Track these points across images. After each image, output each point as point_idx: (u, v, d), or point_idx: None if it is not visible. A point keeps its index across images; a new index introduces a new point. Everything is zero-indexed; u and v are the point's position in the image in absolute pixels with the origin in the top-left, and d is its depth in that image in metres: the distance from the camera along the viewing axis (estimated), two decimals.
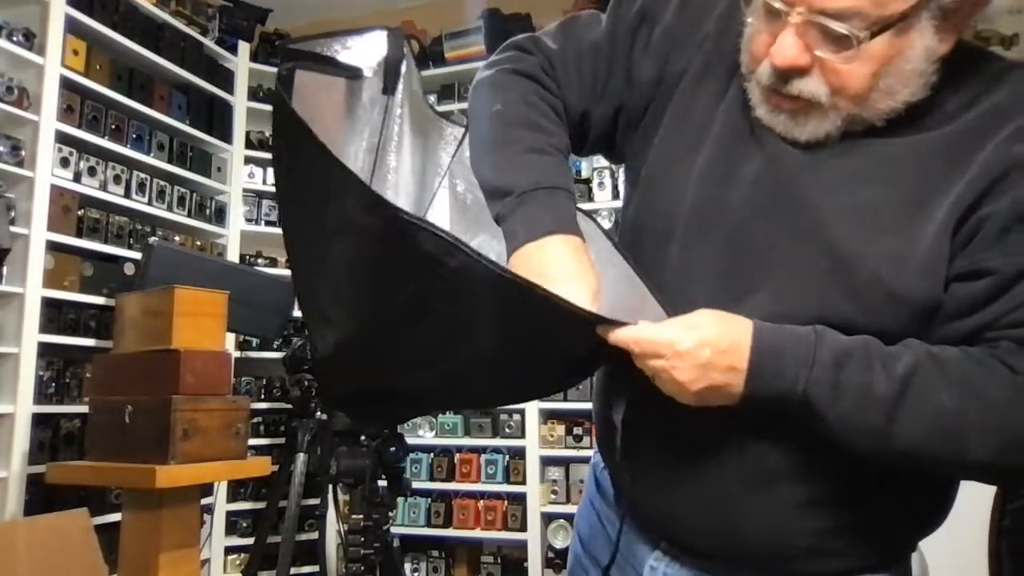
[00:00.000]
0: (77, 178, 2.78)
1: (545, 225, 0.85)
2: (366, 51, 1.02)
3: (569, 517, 3.28)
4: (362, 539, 1.62)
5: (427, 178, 1.12)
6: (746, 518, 0.85)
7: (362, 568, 1.62)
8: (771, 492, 0.84)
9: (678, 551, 0.93)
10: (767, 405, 0.78)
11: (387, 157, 1.05)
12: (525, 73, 0.96)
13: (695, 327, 0.76)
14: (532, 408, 3.39)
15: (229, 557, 3.34)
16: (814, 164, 0.82)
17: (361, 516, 1.65)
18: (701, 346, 0.75)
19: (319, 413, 2.65)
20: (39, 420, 2.55)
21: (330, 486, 2.61)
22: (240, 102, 3.64)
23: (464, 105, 1.12)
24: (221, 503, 3.23)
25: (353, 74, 0.99)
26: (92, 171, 2.84)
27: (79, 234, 2.78)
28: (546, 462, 3.41)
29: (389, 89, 1.03)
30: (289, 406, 3.36)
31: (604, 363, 0.89)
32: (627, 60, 0.95)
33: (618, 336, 0.77)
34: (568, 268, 0.82)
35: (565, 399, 3.31)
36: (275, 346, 3.50)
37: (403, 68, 1.03)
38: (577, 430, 3.31)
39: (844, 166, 0.81)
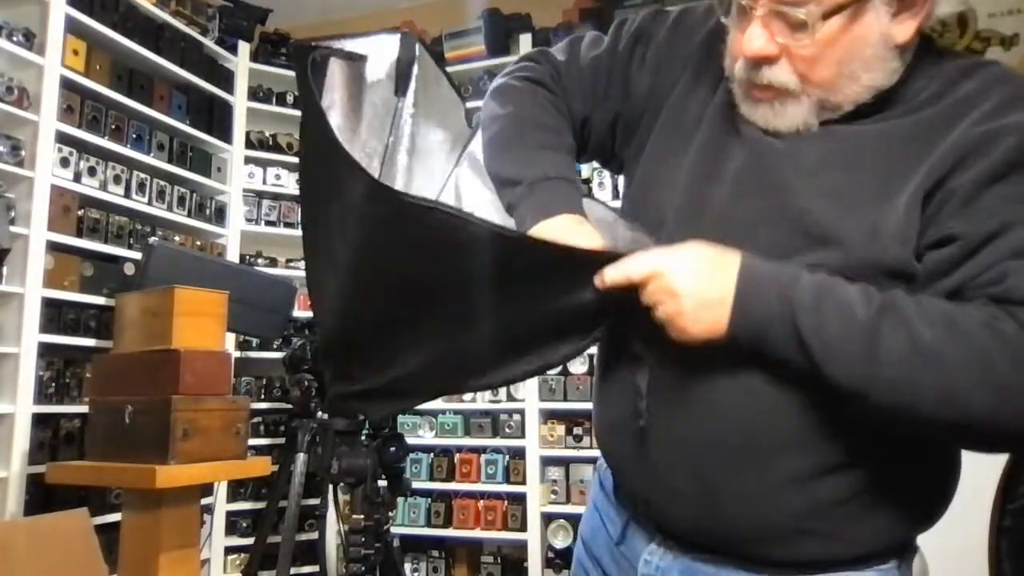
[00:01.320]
0: (77, 178, 2.78)
1: (553, 207, 0.92)
2: (378, 54, 1.06)
3: (569, 517, 3.28)
4: (363, 539, 1.61)
5: (436, 177, 1.15)
6: (731, 493, 0.86)
7: (363, 568, 1.62)
8: (757, 465, 0.85)
9: (672, 542, 0.94)
10: (753, 338, 0.80)
11: (397, 157, 1.08)
12: (535, 80, 1.05)
13: (688, 245, 0.83)
14: (532, 408, 3.39)
15: (229, 557, 3.34)
16: (792, 151, 0.87)
17: (362, 516, 1.64)
18: (695, 256, 0.81)
19: (319, 413, 2.65)
20: (39, 420, 2.55)
21: (330, 486, 2.61)
22: (240, 102, 3.64)
23: (465, 105, 1.17)
24: (221, 503, 3.23)
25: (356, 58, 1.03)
26: (92, 171, 2.84)
27: (79, 234, 2.78)
28: (546, 462, 3.41)
29: (400, 91, 1.07)
30: (289, 406, 3.35)
31: (601, 322, 0.92)
32: (625, 74, 1.03)
33: (614, 272, 0.82)
34: (574, 238, 0.89)
35: (565, 399, 3.31)
36: (275, 346, 3.50)
37: (415, 70, 1.06)
38: (577, 430, 3.30)
39: (819, 151, 0.86)
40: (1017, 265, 0.76)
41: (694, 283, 0.80)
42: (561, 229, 0.90)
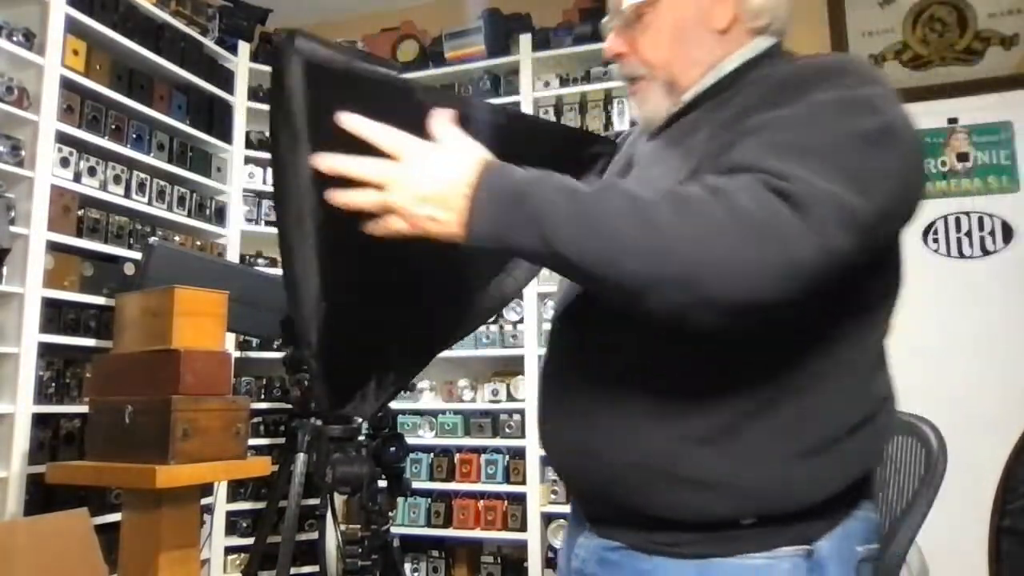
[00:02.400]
0: (77, 178, 2.78)
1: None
2: None
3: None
4: (359, 550, 1.59)
5: None
6: (600, 436, 0.91)
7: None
8: (618, 404, 0.90)
9: (593, 527, 0.99)
10: (491, 222, 0.80)
11: None
12: None
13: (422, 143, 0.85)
14: (532, 408, 3.39)
15: (229, 557, 3.34)
16: (654, 146, 1.03)
17: (359, 527, 1.61)
18: (437, 157, 0.83)
19: (314, 419, 2.64)
20: (39, 420, 2.54)
21: (328, 494, 2.60)
22: (240, 102, 3.65)
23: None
24: (221, 503, 3.23)
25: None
26: (92, 171, 2.84)
27: (79, 234, 2.78)
28: (546, 462, 3.41)
29: None
30: (289, 406, 3.35)
31: None
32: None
33: (367, 129, 0.84)
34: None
35: None
36: (275, 346, 3.50)
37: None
38: None
39: (667, 136, 1.01)
40: (744, 140, 0.82)
41: (427, 182, 0.82)
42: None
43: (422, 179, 0.81)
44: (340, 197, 0.83)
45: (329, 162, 0.83)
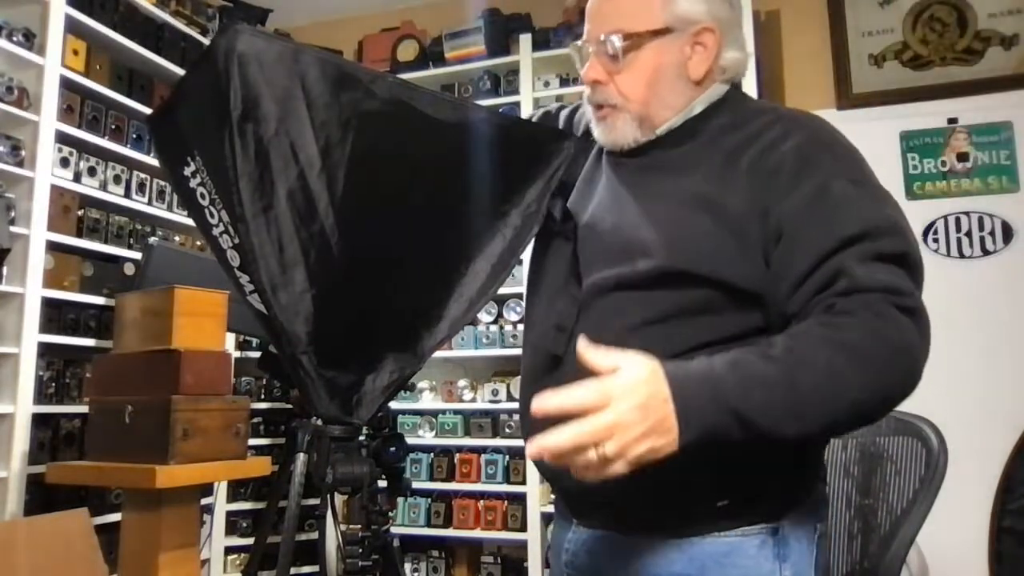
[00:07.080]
0: (77, 178, 2.78)
1: None
2: None
3: None
4: (359, 550, 1.58)
5: None
6: None
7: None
8: None
9: (580, 521, 1.06)
10: (704, 433, 0.82)
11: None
12: None
13: (612, 377, 0.81)
14: None
15: (229, 557, 3.34)
16: (630, 171, 1.09)
17: (359, 527, 1.61)
18: (632, 386, 0.80)
19: (315, 418, 2.64)
20: (39, 420, 2.54)
21: (328, 494, 2.59)
22: None
23: None
24: (221, 503, 3.24)
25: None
26: (92, 171, 2.84)
27: (79, 234, 2.78)
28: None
29: None
30: (289, 406, 3.35)
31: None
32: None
33: (547, 404, 0.81)
34: None
35: None
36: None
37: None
38: None
39: (642, 164, 1.09)
40: (803, 236, 0.92)
41: (645, 410, 0.80)
42: None
43: (632, 419, 0.79)
44: (586, 474, 0.82)
45: (544, 445, 0.80)
